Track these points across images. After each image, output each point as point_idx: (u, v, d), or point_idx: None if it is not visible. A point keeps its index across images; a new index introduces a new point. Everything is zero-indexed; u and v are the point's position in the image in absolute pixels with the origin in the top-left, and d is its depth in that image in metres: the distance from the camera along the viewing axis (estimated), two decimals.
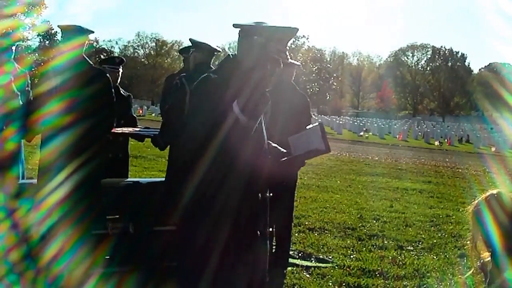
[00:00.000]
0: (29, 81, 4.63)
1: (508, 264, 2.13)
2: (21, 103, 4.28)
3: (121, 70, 5.46)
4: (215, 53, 4.37)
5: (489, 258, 2.25)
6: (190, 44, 4.48)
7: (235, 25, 2.51)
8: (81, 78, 3.82)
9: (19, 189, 4.14)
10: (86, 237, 3.70)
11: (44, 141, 3.91)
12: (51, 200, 3.68)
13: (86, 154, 3.75)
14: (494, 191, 2.28)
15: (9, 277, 3.72)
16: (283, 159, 2.61)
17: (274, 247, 4.79)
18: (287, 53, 2.49)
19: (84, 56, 4.01)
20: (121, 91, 5.43)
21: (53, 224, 3.61)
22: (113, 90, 4.11)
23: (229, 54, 2.60)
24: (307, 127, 2.64)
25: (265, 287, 2.62)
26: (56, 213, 3.65)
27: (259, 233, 2.54)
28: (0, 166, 4.10)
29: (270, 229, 2.69)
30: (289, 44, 2.55)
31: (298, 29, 2.50)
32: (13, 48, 4.54)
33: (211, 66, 4.30)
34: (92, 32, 4.09)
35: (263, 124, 2.61)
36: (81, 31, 4.00)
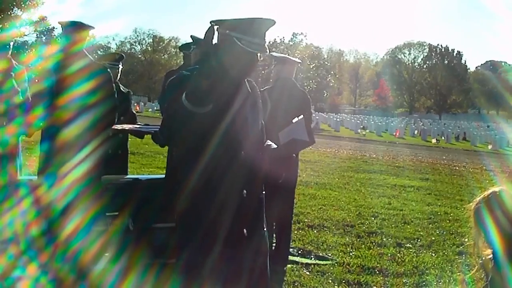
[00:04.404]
0: (28, 77, 4.62)
1: (510, 270, 2.09)
2: (21, 99, 4.28)
3: (120, 66, 5.43)
4: None
5: (491, 256, 2.23)
6: (191, 41, 4.47)
7: (211, 22, 2.47)
8: (83, 73, 3.81)
9: (17, 185, 4.15)
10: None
11: (44, 137, 3.90)
12: (51, 195, 3.70)
13: (86, 150, 3.75)
14: (497, 189, 2.19)
15: (28, 252, 3.74)
16: (272, 152, 2.64)
17: (274, 244, 4.80)
18: (266, 45, 2.45)
19: (85, 51, 4.00)
20: (121, 88, 5.41)
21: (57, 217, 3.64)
22: (114, 85, 4.10)
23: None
24: (293, 120, 2.66)
25: (266, 282, 2.62)
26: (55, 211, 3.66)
27: (256, 229, 2.55)
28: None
29: (265, 228, 2.67)
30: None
31: (274, 21, 2.45)
32: (11, 44, 4.52)
33: None
34: (93, 28, 4.08)
35: (259, 119, 2.61)
36: (82, 27, 3.98)
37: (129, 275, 3.79)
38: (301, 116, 2.61)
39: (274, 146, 2.67)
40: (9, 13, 30.30)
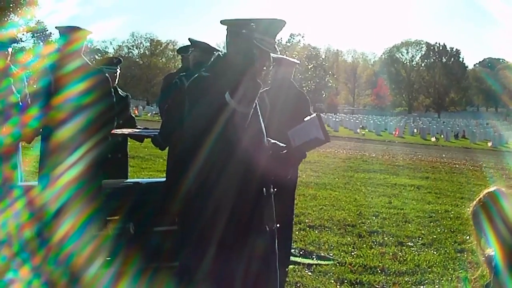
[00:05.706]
0: (25, 77, 4.64)
1: (510, 279, 2.04)
2: (19, 101, 4.30)
3: (119, 70, 5.44)
4: (214, 52, 4.36)
5: (493, 254, 2.20)
6: (189, 44, 4.48)
7: (222, 22, 2.55)
8: (79, 73, 3.81)
9: (18, 192, 4.14)
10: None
11: (44, 141, 3.90)
12: (44, 197, 3.71)
13: (81, 151, 3.75)
14: (493, 189, 2.15)
15: (21, 255, 3.74)
16: (283, 151, 2.64)
17: None
18: (276, 46, 2.53)
19: (83, 55, 4.01)
20: (119, 91, 5.42)
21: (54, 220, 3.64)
22: (112, 89, 4.10)
23: (219, 53, 2.65)
24: (305, 119, 2.66)
25: (264, 282, 2.62)
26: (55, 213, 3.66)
27: (259, 227, 2.55)
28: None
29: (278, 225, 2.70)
30: (283, 41, 2.59)
31: (285, 22, 2.54)
32: (10, 50, 4.53)
33: None
34: (90, 32, 4.08)
35: (260, 119, 2.63)
36: (80, 31, 3.99)
37: (122, 279, 3.79)
38: (314, 115, 2.60)
39: (282, 144, 2.68)
40: (5, 19, 30.32)
